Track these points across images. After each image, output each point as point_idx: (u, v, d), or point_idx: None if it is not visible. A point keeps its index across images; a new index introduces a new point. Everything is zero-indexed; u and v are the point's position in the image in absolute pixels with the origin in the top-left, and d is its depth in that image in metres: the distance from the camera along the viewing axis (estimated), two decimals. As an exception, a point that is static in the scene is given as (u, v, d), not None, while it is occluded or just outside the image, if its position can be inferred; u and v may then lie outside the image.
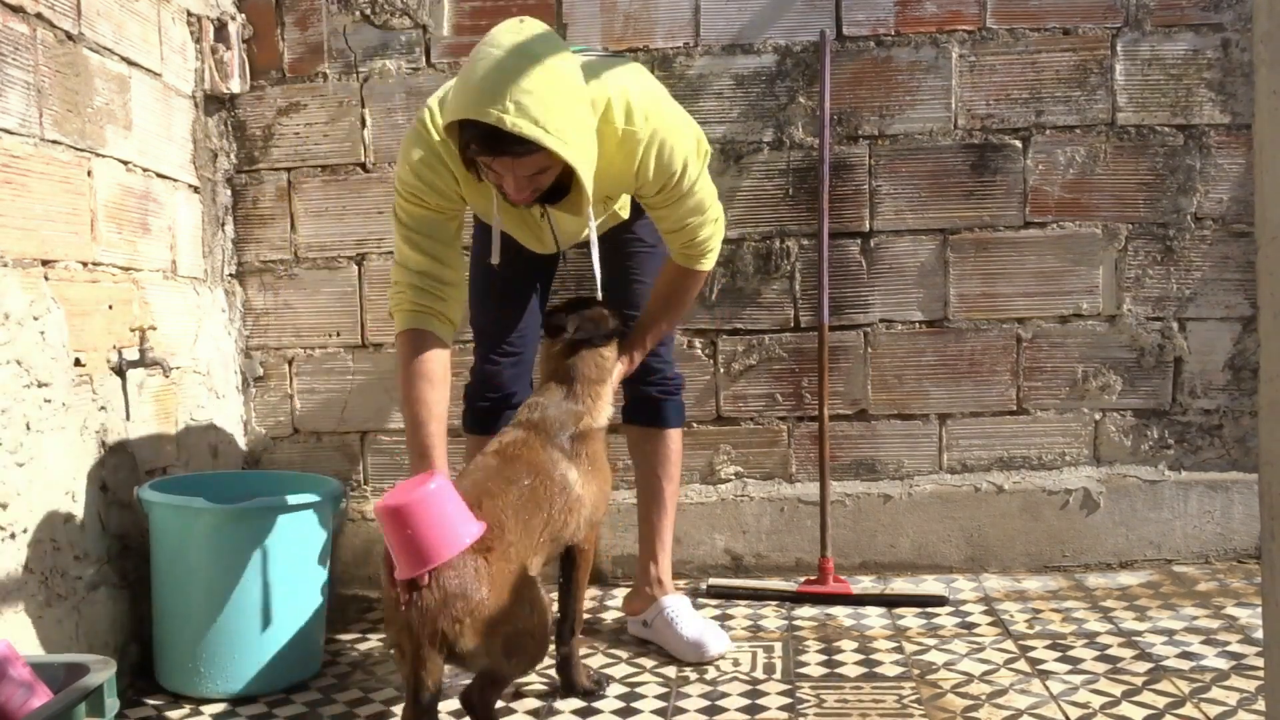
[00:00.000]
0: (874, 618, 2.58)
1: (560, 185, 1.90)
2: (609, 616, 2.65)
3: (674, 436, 2.47)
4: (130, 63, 2.47)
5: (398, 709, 2.10)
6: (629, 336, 2.23)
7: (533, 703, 2.11)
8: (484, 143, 1.77)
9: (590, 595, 2.73)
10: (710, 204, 2.15)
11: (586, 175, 1.82)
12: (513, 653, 1.83)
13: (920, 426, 2.95)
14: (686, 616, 2.38)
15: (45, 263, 2.10)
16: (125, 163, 2.44)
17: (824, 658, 2.31)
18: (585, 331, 2.11)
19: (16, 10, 2.02)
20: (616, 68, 2.04)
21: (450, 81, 1.99)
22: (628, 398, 2.47)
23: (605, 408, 2.13)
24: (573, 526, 2.03)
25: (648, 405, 2.45)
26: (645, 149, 1.98)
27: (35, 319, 2.04)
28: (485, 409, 2.41)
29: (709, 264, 2.22)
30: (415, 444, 1.95)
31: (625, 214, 2.28)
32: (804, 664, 2.28)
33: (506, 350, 2.39)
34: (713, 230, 2.18)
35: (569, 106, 1.78)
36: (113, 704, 1.61)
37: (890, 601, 2.67)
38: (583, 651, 2.38)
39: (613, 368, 2.17)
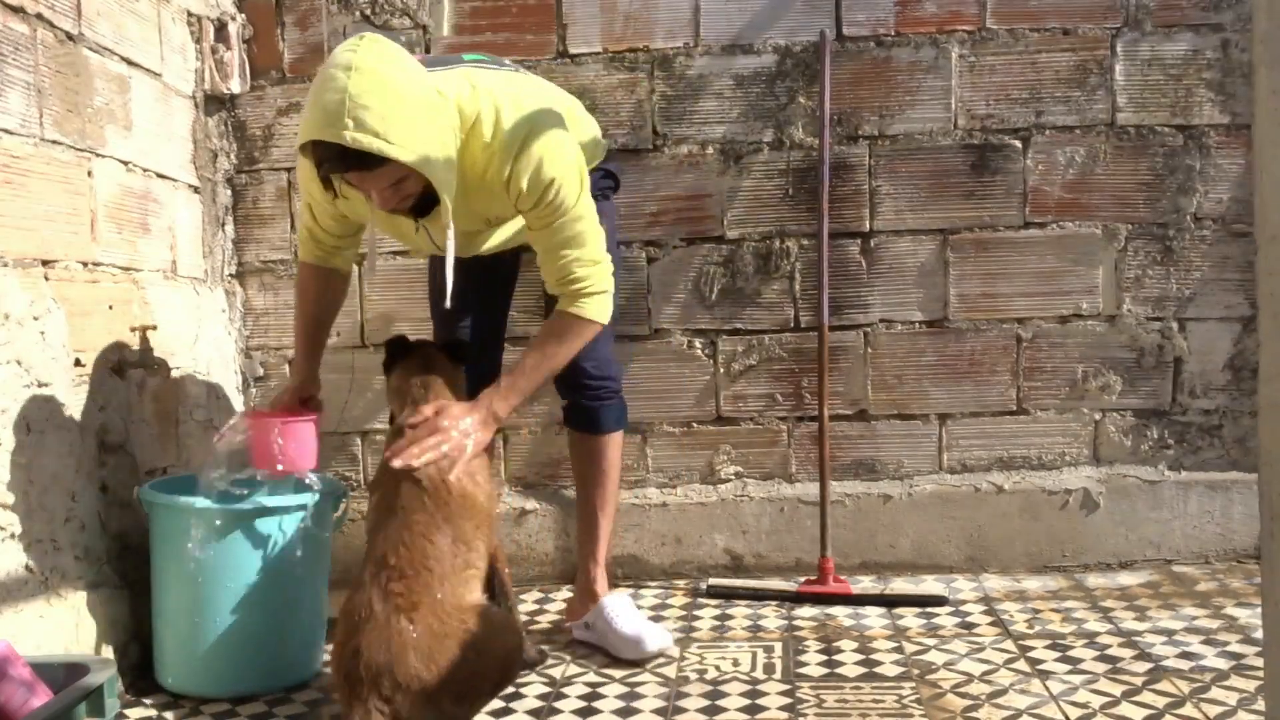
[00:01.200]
0: (874, 618, 2.58)
1: (433, 195, 1.91)
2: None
3: (610, 441, 2.44)
4: (130, 63, 2.47)
5: (398, 709, 2.10)
6: (494, 385, 2.11)
7: (533, 703, 2.11)
8: (334, 162, 1.82)
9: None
10: (591, 242, 2.07)
11: (438, 180, 1.85)
12: (466, 697, 1.81)
13: (920, 426, 2.95)
14: (625, 615, 2.37)
15: (45, 263, 2.10)
16: (125, 163, 2.44)
17: (824, 658, 2.31)
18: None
19: (16, 10, 2.02)
20: (492, 79, 2.03)
21: None
22: (566, 403, 2.46)
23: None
24: (488, 537, 2.02)
25: (583, 411, 2.44)
26: (515, 160, 1.97)
27: (35, 319, 2.04)
28: None
29: (592, 311, 2.09)
30: (299, 345, 2.34)
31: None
32: (804, 664, 2.28)
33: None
34: (591, 273, 2.07)
35: (410, 115, 1.80)
36: (113, 704, 1.61)
37: (890, 601, 2.67)
38: (582, 651, 2.39)
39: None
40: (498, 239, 2.26)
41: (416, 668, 1.73)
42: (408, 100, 1.81)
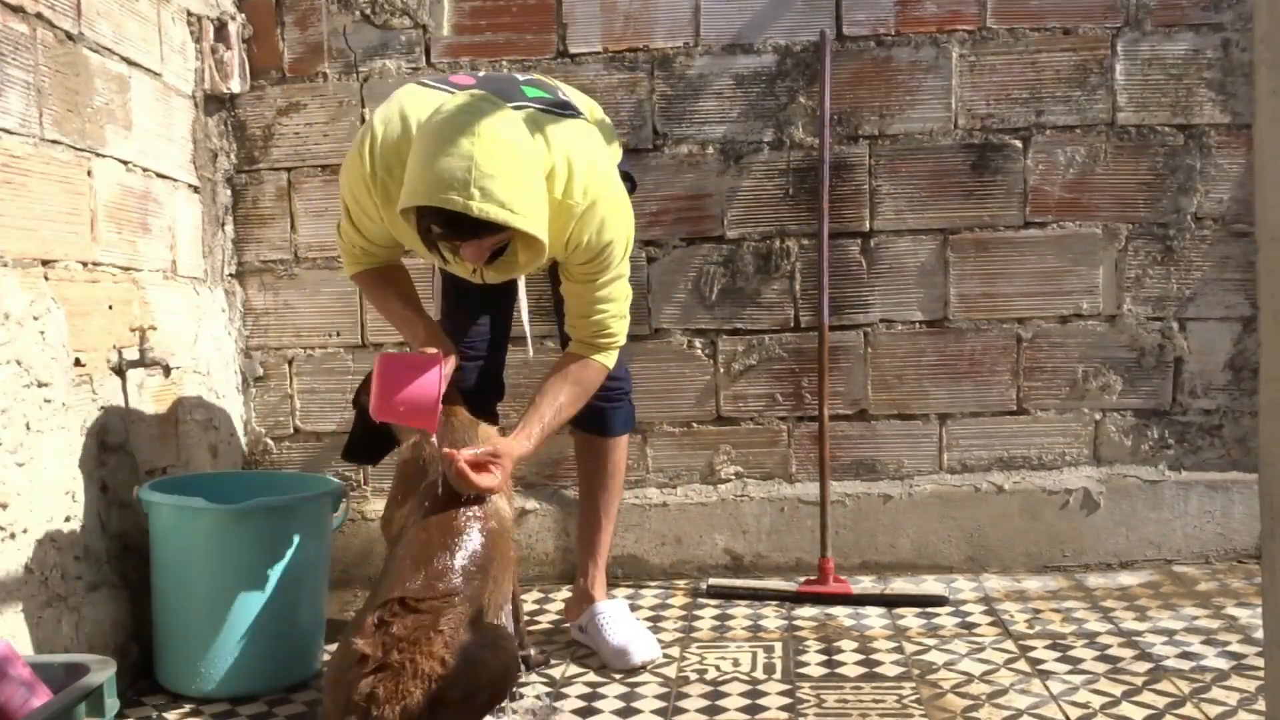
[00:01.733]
0: (874, 618, 2.58)
1: (502, 247, 1.94)
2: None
3: (618, 445, 2.45)
4: (130, 63, 2.47)
5: (398, 709, 2.10)
6: (520, 428, 2.13)
7: (532, 703, 2.11)
8: (451, 227, 1.81)
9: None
10: (623, 298, 2.14)
11: (547, 246, 1.89)
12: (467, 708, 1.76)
13: (920, 426, 2.95)
14: (617, 622, 2.36)
15: (45, 263, 2.10)
16: (125, 162, 2.44)
17: (824, 658, 2.31)
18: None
19: (16, 10, 2.02)
20: (564, 133, 2.01)
21: (395, 109, 1.99)
22: None
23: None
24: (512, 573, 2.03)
25: (592, 412, 2.39)
26: (579, 221, 1.99)
27: (35, 319, 2.04)
28: None
29: (611, 361, 2.17)
30: (401, 324, 2.19)
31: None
32: (804, 664, 2.28)
33: (470, 354, 2.36)
34: (621, 328, 2.15)
35: (529, 183, 1.82)
36: (113, 704, 1.61)
37: (890, 601, 2.67)
38: (582, 651, 2.39)
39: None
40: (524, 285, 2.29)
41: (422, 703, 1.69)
42: (527, 165, 1.82)
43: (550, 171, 1.94)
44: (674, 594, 2.82)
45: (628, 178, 2.41)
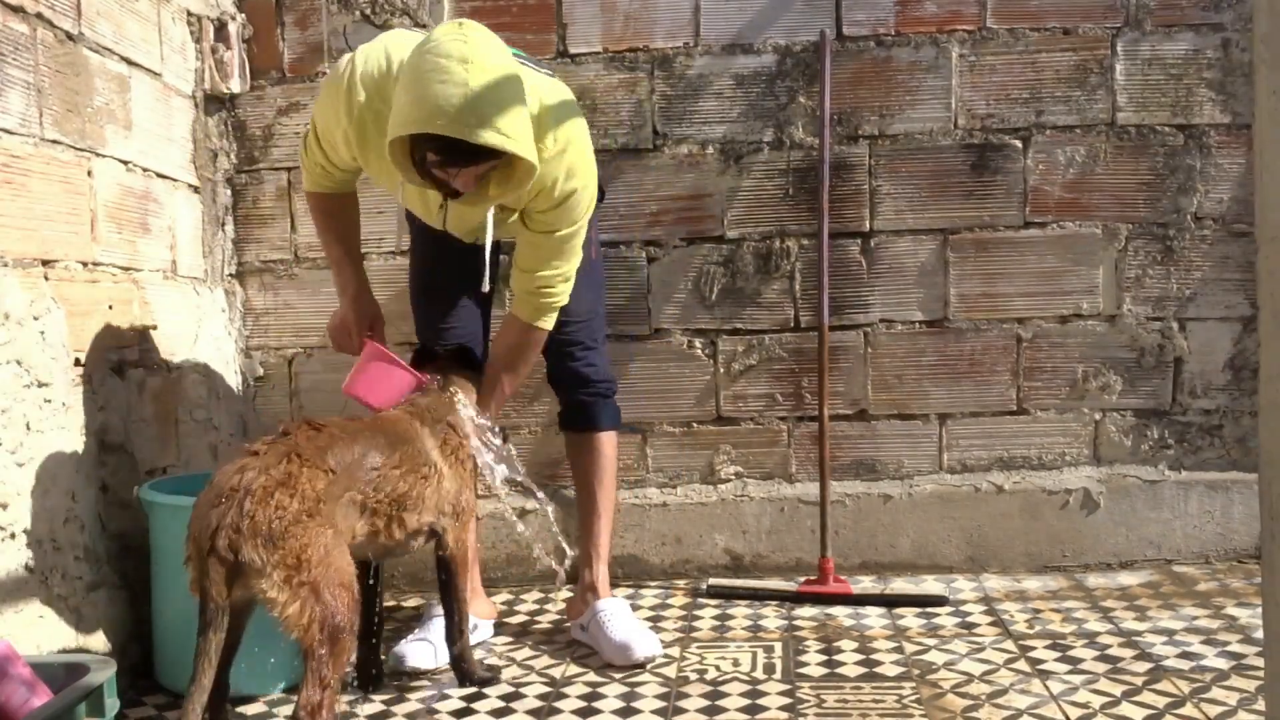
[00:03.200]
0: (874, 618, 2.58)
1: None
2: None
3: (607, 440, 2.48)
4: (130, 63, 2.47)
5: (398, 709, 2.11)
6: (481, 395, 2.30)
7: (533, 703, 2.11)
8: (449, 154, 1.82)
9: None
10: (573, 261, 2.18)
11: (535, 170, 1.91)
12: (311, 591, 1.68)
13: (920, 426, 2.95)
14: (618, 620, 2.37)
15: (45, 263, 2.10)
16: (125, 163, 2.44)
17: (824, 658, 2.31)
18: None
19: (16, 10, 2.02)
20: (540, 82, 2.06)
21: (380, 48, 2.02)
22: (562, 404, 2.51)
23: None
24: (425, 504, 2.03)
25: (579, 410, 2.48)
26: (548, 165, 2.02)
27: (35, 319, 2.04)
28: None
29: (550, 323, 2.26)
30: (333, 265, 2.37)
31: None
32: (804, 664, 2.28)
33: (444, 343, 2.40)
34: (563, 290, 2.21)
35: (521, 110, 1.85)
36: (113, 704, 1.61)
37: (890, 601, 2.67)
38: (581, 651, 2.39)
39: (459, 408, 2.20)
40: (492, 230, 2.25)
41: (284, 505, 1.68)
42: (518, 94, 1.83)
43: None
44: (674, 594, 2.82)
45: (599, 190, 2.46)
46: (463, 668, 2.20)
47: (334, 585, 1.71)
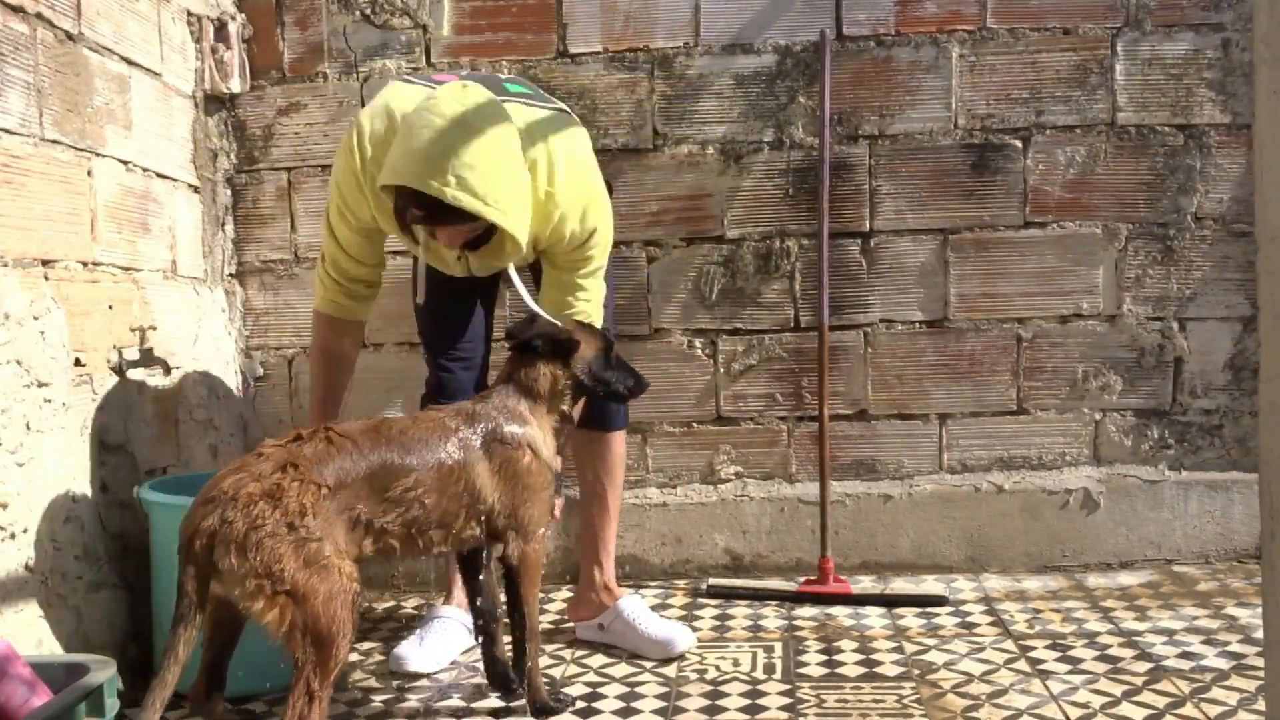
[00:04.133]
0: (874, 618, 2.58)
1: (486, 234, 2.02)
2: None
3: (616, 439, 2.48)
4: (130, 63, 2.47)
5: (398, 709, 2.11)
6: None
7: (533, 703, 2.11)
8: (426, 210, 1.88)
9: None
10: (601, 292, 2.22)
11: (522, 238, 1.94)
12: (290, 599, 1.65)
13: (920, 426, 2.95)
14: (648, 616, 2.41)
15: (45, 263, 2.10)
16: (125, 162, 2.44)
17: (824, 658, 2.31)
18: (533, 336, 2.00)
19: (16, 10, 2.02)
20: (547, 125, 2.09)
21: (383, 103, 2.07)
22: None
23: (540, 431, 2.00)
24: (460, 521, 1.90)
25: (592, 409, 2.41)
26: (564, 212, 2.07)
27: (35, 319, 2.04)
28: None
29: None
30: (313, 403, 2.31)
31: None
32: (804, 664, 2.28)
33: (457, 356, 2.40)
34: (596, 318, 2.22)
35: (506, 177, 1.87)
36: (113, 704, 1.61)
37: (890, 601, 2.67)
38: (581, 651, 2.39)
39: (557, 393, 2.03)
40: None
41: (265, 515, 1.64)
42: (504, 161, 1.87)
43: (533, 163, 2.01)
44: (674, 594, 2.81)
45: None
46: (530, 693, 2.04)
47: (320, 595, 1.67)
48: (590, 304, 2.20)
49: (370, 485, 1.80)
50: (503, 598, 2.04)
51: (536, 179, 2.03)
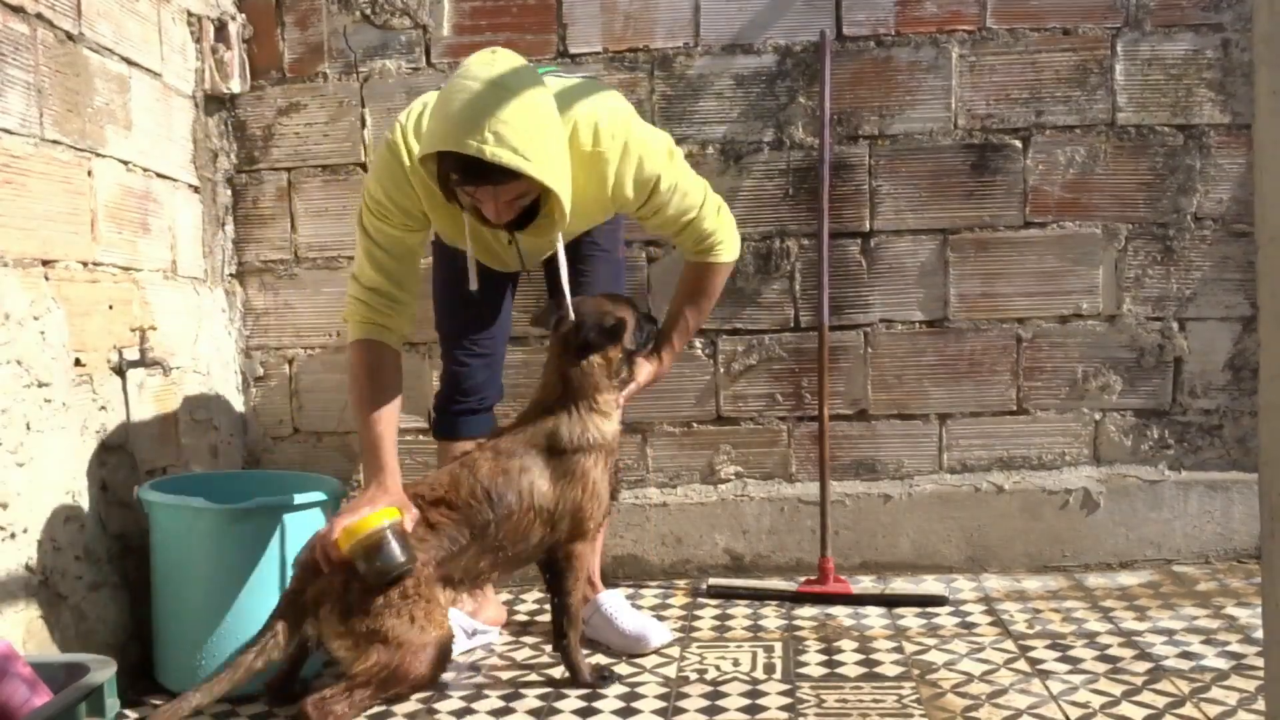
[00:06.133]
0: (874, 618, 2.58)
1: (530, 208, 1.97)
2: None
3: None
4: (130, 63, 2.47)
5: (398, 709, 2.11)
6: (657, 338, 2.28)
7: (533, 703, 2.11)
8: (466, 173, 1.84)
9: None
10: (703, 197, 2.17)
11: (565, 198, 1.90)
12: (375, 667, 1.89)
13: (920, 426, 2.95)
14: (625, 612, 2.42)
15: (45, 263, 2.10)
16: (125, 163, 2.44)
17: (824, 658, 2.31)
18: (584, 333, 2.11)
19: (16, 10, 2.02)
20: (582, 92, 2.07)
21: (419, 102, 2.08)
22: None
23: (602, 420, 2.13)
24: (518, 544, 2.08)
25: None
26: (618, 168, 2.04)
27: (35, 319, 2.04)
28: (456, 413, 2.43)
29: (727, 255, 2.25)
30: (368, 446, 2.06)
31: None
32: (804, 664, 2.28)
33: (476, 351, 2.40)
34: (717, 223, 2.20)
35: (545, 134, 1.84)
36: (113, 704, 1.61)
37: (890, 601, 2.67)
38: (581, 651, 2.38)
39: (615, 372, 2.16)
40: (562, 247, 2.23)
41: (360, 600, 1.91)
42: (540, 119, 1.84)
43: (574, 130, 1.98)
44: (674, 594, 2.82)
45: None
46: (569, 666, 2.18)
47: (412, 646, 1.91)
48: (698, 217, 2.16)
49: (466, 553, 2.03)
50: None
51: (579, 140, 1.99)
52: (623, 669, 2.28)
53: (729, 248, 2.24)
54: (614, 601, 2.44)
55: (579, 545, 2.14)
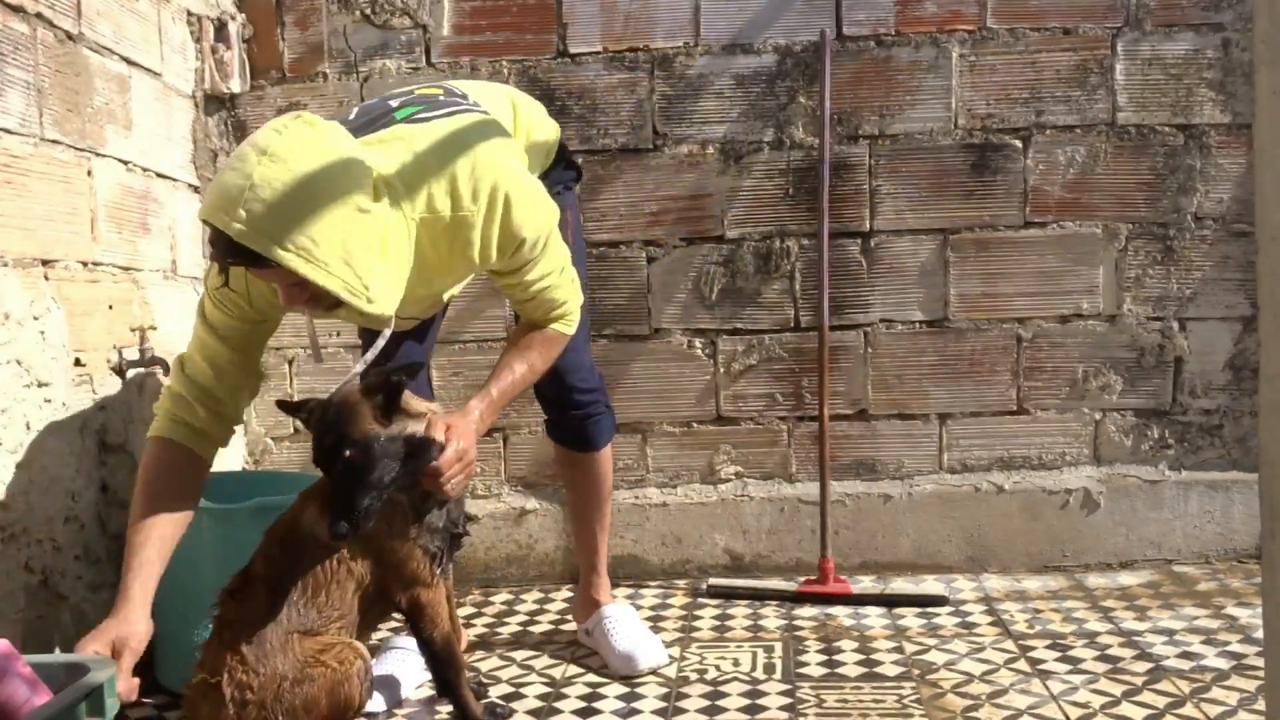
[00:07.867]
0: (874, 618, 2.58)
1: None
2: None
3: (604, 456, 2.36)
4: (130, 62, 2.47)
5: (397, 709, 2.11)
6: (480, 395, 1.91)
7: (533, 703, 2.11)
8: (227, 251, 1.57)
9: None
10: (556, 260, 1.92)
11: (343, 292, 1.59)
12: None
13: (920, 426, 2.95)
14: (623, 628, 2.33)
15: (45, 262, 2.10)
16: (125, 162, 2.44)
17: (824, 658, 2.31)
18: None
19: (16, 10, 2.02)
20: (440, 146, 1.78)
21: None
22: (551, 416, 2.34)
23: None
24: (345, 601, 1.87)
25: (572, 429, 2.32)
26: (482, 230, 1.78)
27: (35, 319, 2.04)
28: None
29: (570, 328, 2.00)
30: (124, 563, 1.75)
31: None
32: (804, 664, 2.28)
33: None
34: (568, 295, 1.96)
35: (312, 214, 1.55)
36: (113, 704, 1.61)
37: (890, 601, 2.67)
38: (582, 651, 2.39)
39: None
40: (451, 293, 2.04)
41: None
42: (315, 200, 1.55)
43: (429, 198, 1.74)
44: (674, 594, 2.82)
45: (573, 166, 2.29)
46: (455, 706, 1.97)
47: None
48: (550, 285, 1.92)
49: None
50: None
51: (437, 208, 1.75)
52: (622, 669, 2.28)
53: (573, 321, 2.00)
54: (616, 615, 2.37)
55: (421, 592, 1.89)
